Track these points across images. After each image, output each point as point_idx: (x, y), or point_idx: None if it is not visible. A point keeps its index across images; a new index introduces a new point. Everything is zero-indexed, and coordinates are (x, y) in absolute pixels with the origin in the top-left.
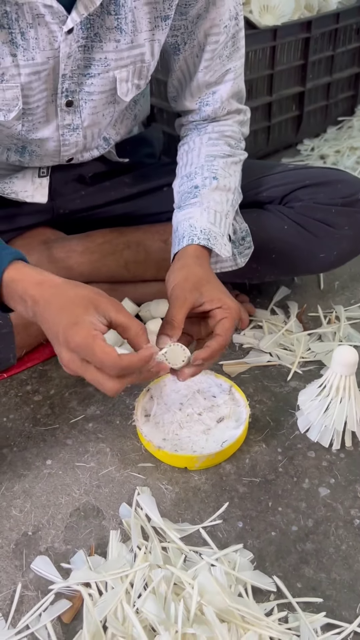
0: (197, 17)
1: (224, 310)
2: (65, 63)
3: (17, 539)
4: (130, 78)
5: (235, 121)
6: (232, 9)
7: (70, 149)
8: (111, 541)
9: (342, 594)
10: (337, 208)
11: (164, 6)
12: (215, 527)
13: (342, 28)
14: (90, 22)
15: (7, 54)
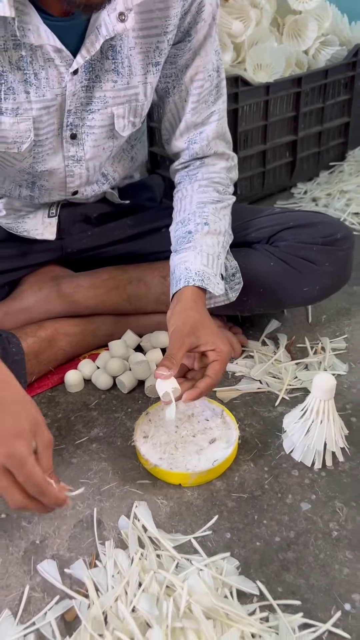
0: (184, 67)
1: (217, 354)
2: (71, 100)
3: (26, 547)
4: (126, 115)
5: (223, 168)
6: (214, 62)
7: (74, 180)
8: (107, 549)
9: (318, 597)
10: (318, 247)
11: (155, 54)
12: (205, 538)
13: (331, 83)
14: (92, 65)
15: (22, 91)
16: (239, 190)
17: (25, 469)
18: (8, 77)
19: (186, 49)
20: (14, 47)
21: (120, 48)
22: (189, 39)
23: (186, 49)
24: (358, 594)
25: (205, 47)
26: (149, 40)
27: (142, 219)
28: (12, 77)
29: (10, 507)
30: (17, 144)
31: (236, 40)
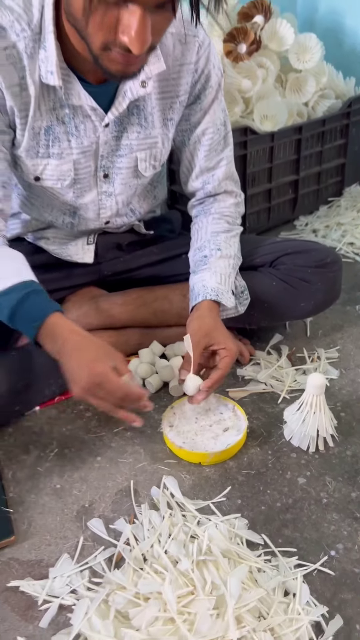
0: (197, 123)
1: (227, 351)
2: (103, 147)
3: (78, 509)
4: (147, 159)
5: (232, 203)
6: (221, 118)
7: (106, 211)
8: (143, 510)
9: (310, 546)
10: (312, 269)
11: (170, 112)
12: (220, 503)
13: (328, 130)
14: (120, 120)
15: (65, 140)
16: (247, 223)
17: (111, 381)
18: (55, 129)
19: (197, 110)
20: (60, 107)
21: (143, 107)
22: (199, 102)
23: (197, 109)
24: (342, 544)
25: (213, 107)
26: (165, 102)
27: (165, 247)
28: (58, 129)
29: (107, 411)
30: (60, 181)
31: (245, 95)
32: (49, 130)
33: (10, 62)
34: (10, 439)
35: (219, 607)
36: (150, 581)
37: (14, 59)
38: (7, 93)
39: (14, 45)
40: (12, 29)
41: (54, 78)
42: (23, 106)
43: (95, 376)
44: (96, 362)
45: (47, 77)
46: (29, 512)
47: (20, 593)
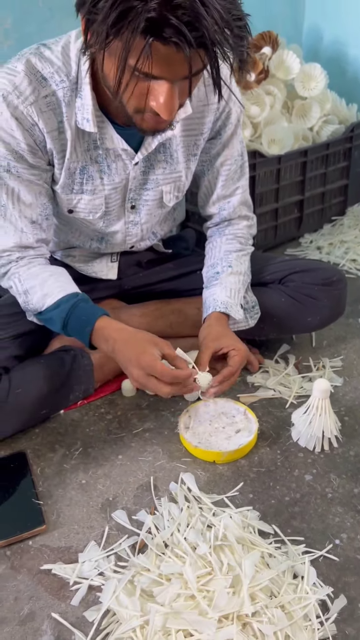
0: (216, 155)
1: (236, 351)
2: (132, 182)
3: (102, 502)
4: (172, 191)
5: (245, 225)
6: (238, 149)
7: (132, 238)
8: (163, 503)
9: (317, 535)
10: (319, 287)
11: (194, 149)
12: (233, 497)
13: (332, 153)
14: (148, 157)
15: (98, 178)
16: (255, 240)
17: (156, 369)
18: (89, 169)
19: (217, 143)
20: (94, 148)
21: (169, 145)
22: (220, 137)
23: (217, 143)
24: (345, 534)
25: (232, 141)
26: (189, 139)
27: (180, 264)
28: (92, 168)
29: (164, 396)
30: (92, 213)
31: (254, 120)
32: (83, 169)
33: (51, 108)
34: (37, 439)
35: (235, 585)
36: (172, 564)
37: (54, 105)
38: (48, 137)
39: (53, 93)
40: (53, 79)
41: (90, 125)
42: (60, 148)
43: (143, 368)
44: (143, 355)
45: (83, 123)
46: (57, 504)
47: (52, 575)
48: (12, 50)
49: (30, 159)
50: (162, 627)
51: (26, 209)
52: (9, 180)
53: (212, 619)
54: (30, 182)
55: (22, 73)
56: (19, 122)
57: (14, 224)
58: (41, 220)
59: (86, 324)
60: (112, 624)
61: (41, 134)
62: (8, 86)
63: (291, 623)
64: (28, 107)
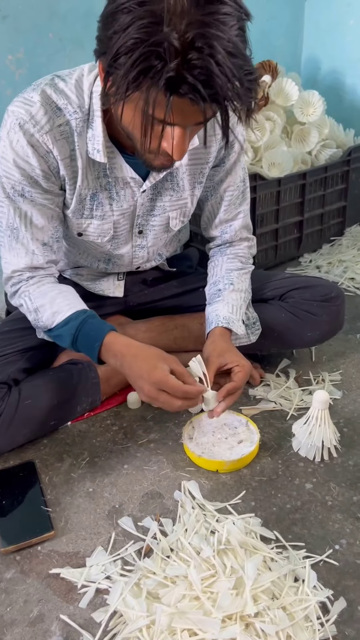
0: (220, 181)
1: (240, 367)
2: (139, 208)
3: (109, 509)
4: (178, 217)
5: (245, 246)
6: (241, 176)
7: (138, 260)
8: (179, 509)
9: (317, 541)
10: (318, 303)
11: (199, 177)
12: (236, 504)
13: (330, 176)
14: (156, 185)
15: (107, 204)
16: (256, 260)
17: (168, 384)
18: (99, 196)
19: (221, 170)
20: (104, 176)
21: (176, 174)
22: (223, 164)
23: (221, 170)
24: (345, 540)
25: (235, 168)
26: (195, 168)
27: (184, 281)
28: (102, 195)
29: (174, 410)
30: (100, 237)
31: (255, 145)
32: (94, 196)
33: (64, 137)
34: (45, 449)
35: (238, 587)
36: (177, 566)
37: (67, 134)
38: (61, 164)
39: (67, 123)
40: (67, 110)
41: (100, 155)
42: (72, 174)
43: (154, 384)
44: (154, 370)
45: (94, 154)
46: (65, 511)
47: (61, 579)
48: (23, 78)
49: (44, 184)
50: (167, 627)
51: (38, 232)
52: (23, 205)
53: (216, 618)
54: (43, 206)
55: (38, 103)
56: (34, 150)
57: (25, 246)
58: (52, 243)
59: (95, 340)
60: (119, 624)
61: (55, 161)
62: (25, 115)
63: (292, 623)
64: (43, 136)
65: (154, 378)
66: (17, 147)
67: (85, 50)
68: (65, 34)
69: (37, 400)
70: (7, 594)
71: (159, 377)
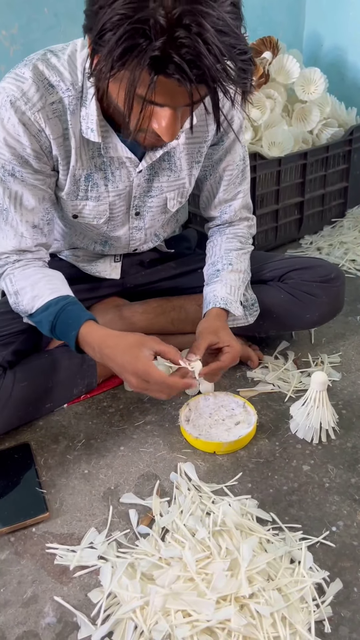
0: (219, 160)
1: (230, 348)
2: (136, 189)
3: (104, 491)
4: (175, 197)
5: (245, 226)
6: (240, 154)
7: (135, 242)
8: (174, 490)
9: (314, 523)
10: (317, 284)
11: (197, 156)
12: (232, 486)
13: (332, 156)
14: (152, 165)
15: (102, 185)
16: (256, 241)
17: (152, 377)
18: (94, 176)
19: (220, 149)
20: (98, 156)
21: (173, 154)
22: (222, 143)
23: (220, 149)
24: (342, 522)
25: (235, 146)
26: (193, 147)
27: (182, 263)
28: (97, 175)
29: (164, 399)
30: (96, 219)
31: (255, 123)
32: (88, 177)
33: (57, 115)
34: (41, 431)
35: (233, 568)
36: (172, 548)
37: (60, 112)
38: (54, 143)
39: (60, 100)
40: (59, 87)
41: (94, 135)
42: (65, 154)
43: (139, 376)
44: (136, 362)
45: (87, 133)
46: (60, 493)
47: (55, 561)
48: (18, 55)
49: (35, 164)
50: (161, 608)
51: (28, 213)
52: (13, 185)
53: (210, 600)
54: (34, 186)
55: (30, 80)
56: (25, 128)
57: (14, 228)
58: (42, 225)
59: (72, 328)
60: (112, 605)
61: (47, 140)
62: (16, 92)
63: (288, 605)
64: (35, 114)
65: (138, 371)
66: (7, 125)
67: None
68: (60, 8)
69: (32, 383)
70: (1, 575)
71: (143, 369)
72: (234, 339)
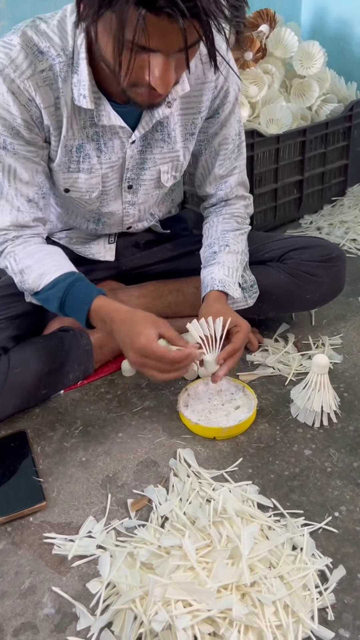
0: (214, 134)
1: (238, 327)
2: (129, 161)
3: (102, 479)
4: (169, 171)
5: (242, 205)
6: (236, 128)
7: (129, 219)
8: (171, 478)
9: (316, 508)
10: (318, 263)
11: (191, 127)
12: (233, 472)
13: (331, 132)
14: (146, 136)
15: (95, 156)
16: (255, 221)
17: (153, 352)
18: (86, 147)
19: (215, 122)
20: (90, 126)
21: (167, 124)
22: (217, 116)
23: (215, 122)
24: (344, 507)
25: (230, 120)
26: (187, 118)
27: (178, 244)
28: (89, 146)
29: (161, 381)
30: (89, 192)
31: (252, 100)
32: (80, 148)
33: (47, 83)
34: (37, 419)
35: (234, 557)
36: (171, 536)
37: (50, 80)
38: (45, 112)
39: (50, 67)
40: (49, 53)
41: (86, 101)
42: (57, 124)
43: (138, 350)
44: (138, 337)
45: (79, 100)
46: (57, 481)
47: (53, 551)
48: (6, 30)
49: (27, 135)
50: (161, 598)
51: (23, 187)
52: (6, 158)
53: (211, 589)
54: (27, 159)
55: (18, 46)
56: (15, 97)
57: (10, 202)
58: (38, 199)
59: (83, 303)
60: (112, 595)
61: (38, 110)
62: (4, 60)
63: (290, 593)
64: (25, 82)
65: (138, 345)
66: None
67: None
68: None
69: (27, 369)
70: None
71: (143, 344)
72: (240, 317)
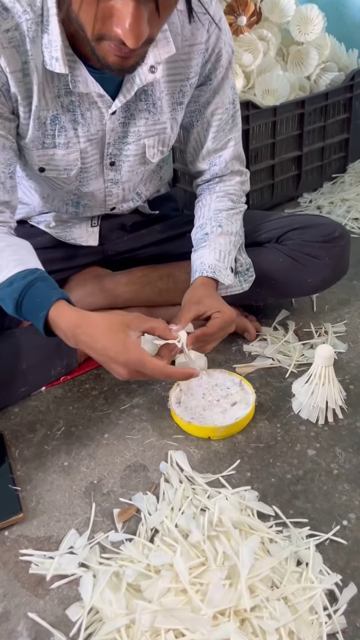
0: (206, 103)
1: (219, 314)
2: (110, 134)
3: (86, 486)
4: (155, 145)
5: (237, 182)
6: (230, 96)
7: (113, 199)
8: (161, 484)
9: (322, 516)
10: (319, 244)
11: (179, 96)
12: (230, 476)
13: (331, 104)
14: (128, 106)
15: (71, 129)
16: (251, 200)
17: (148, 368)
18: (61, 118)
19: (207, 90)
20: (65, 94)
21: (152, 92)
22: (209, 82)
23: (207, 89)
24: (354, 514)
25: (223, 86)
26: (174, 85)
27: (168, 226)
28: (64, 118)
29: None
30: (66, 171)
31: (246, 69)
32: (55, 119)
33: (13, 45)
34: (16, 419)
35: (231, 577)
36: (161, 554)
37: (17, 42)
38: (11, 78)
39: (16, 26)
40: (15, 10)
41: (59, 65)
42: (26, 93)
43: (131, 367)
44: (126, 353)
45: (52, 63)
46: (37, 489)
47: (30, 569)
48: None
49: None
50: (150, 627)
51: None
52: None
53: (206, 615)
54: None
55: None
56: None
57: None
58: (4, 179)
59: (40, 309)
60: (94, 622)
61: (3, 75)
62: None
63: (295, 617)
64: None
65: (130, 363)
66: None
67: None
68: None
69: (3, 365)
70: None
71: (135, 359)
72: (224, 304)
